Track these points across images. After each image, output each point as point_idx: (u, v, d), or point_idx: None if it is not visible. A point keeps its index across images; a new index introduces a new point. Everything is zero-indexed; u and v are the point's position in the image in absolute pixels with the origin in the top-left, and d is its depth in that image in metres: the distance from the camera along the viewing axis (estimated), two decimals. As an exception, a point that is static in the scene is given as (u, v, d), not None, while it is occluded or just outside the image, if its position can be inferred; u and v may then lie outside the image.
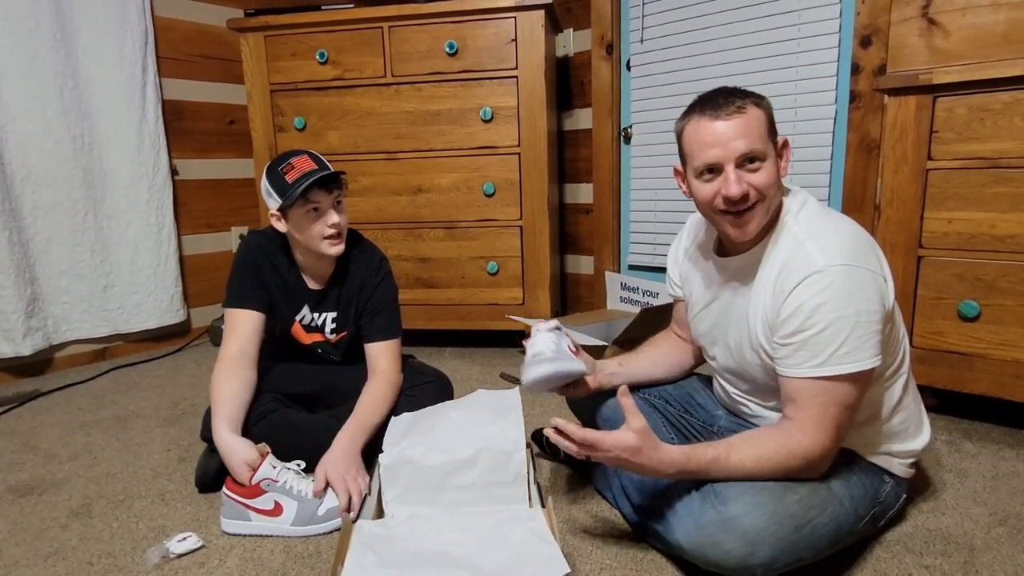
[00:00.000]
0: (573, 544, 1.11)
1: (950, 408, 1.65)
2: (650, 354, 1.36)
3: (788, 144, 1.03)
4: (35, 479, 1.43)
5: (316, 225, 1.34)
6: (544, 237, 2.19)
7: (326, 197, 1.33)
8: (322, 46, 2.18)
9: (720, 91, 1.01)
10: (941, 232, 1.48)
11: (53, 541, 1.18)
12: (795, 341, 0.95)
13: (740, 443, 0.98)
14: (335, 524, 1.16)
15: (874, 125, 1.86)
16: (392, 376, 1.44)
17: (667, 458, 0.94)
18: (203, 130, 2.58)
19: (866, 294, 0.93)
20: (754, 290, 1.04)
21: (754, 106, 0.99)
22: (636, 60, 2.40)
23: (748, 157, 0.97)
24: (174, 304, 2.49)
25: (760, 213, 1.00)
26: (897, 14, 1.78)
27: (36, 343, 2.13)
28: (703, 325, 1.19)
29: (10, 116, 2.04)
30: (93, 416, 1.81)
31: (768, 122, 1.01)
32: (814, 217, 1.01)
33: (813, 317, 0.93)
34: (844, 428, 0.96)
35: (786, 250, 0.99)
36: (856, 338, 0.92)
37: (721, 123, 0.97)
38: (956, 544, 1.08)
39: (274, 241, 1.44)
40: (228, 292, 1.41)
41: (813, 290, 0.93)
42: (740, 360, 1.10)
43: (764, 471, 0.95)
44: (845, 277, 0.92)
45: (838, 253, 0.94)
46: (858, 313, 0.92)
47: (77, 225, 2.22)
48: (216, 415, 1.27)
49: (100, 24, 2.21)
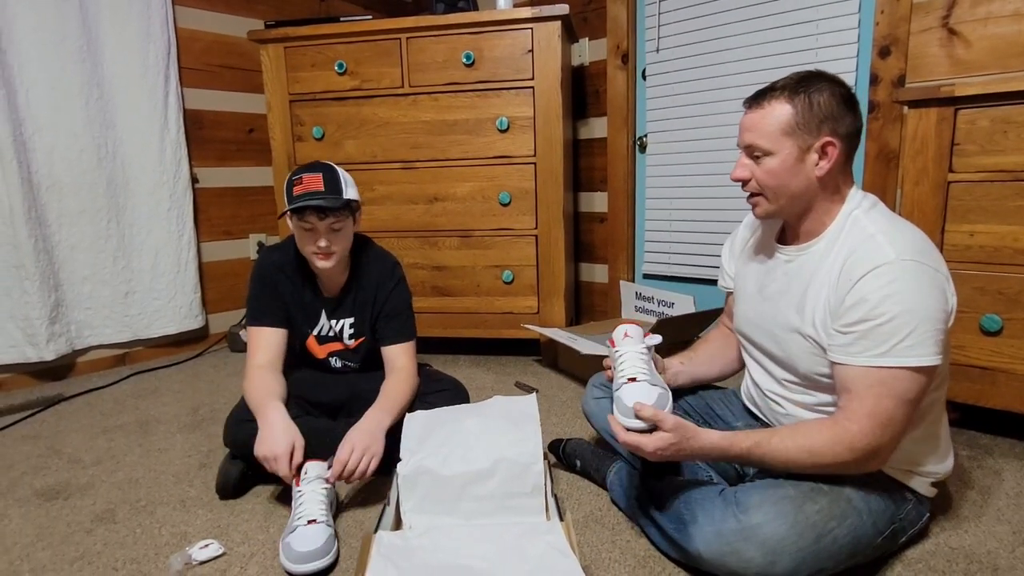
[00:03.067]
0: (590, 557, 1.11)
1: (972, 423, 1.63)
2: (706, 350, 1.36)
3: (834, 145, 1.01)
4: (60, 483, 1.46)
5: (307, 242, 1.39)
6: (559, 246, 2.20)
7: (319, 222, 1.35)
8: (341, 57, 2.20)
9: (778, 81, 1.05)
10: (963, 245, 1.46)
11: (79, 546, 1.20)
12: (858, 330, 0.94)
13: (785, 429, 0.99)
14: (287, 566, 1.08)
15: (893, 136, 1.85)
16: (410, 373, 1.48)
17: (708, 444, 0.96)
18: (223, 139, 2.62)
19: (934, 292, 0.93)
20: (817, 277, 1.03)
21: (783, 101, 1.01)
22: (652, 69, 2.40)
23: (750, 150, 1.04)
24: (193, 310, 2.52)
25: (764, 203, 1.07)
26: (917, 24, 1.77)
27: (59, 348, 2.17)
28: (751, 312, 1.18)
29: (37, 126, 2.09)
30: (115, 421, 1.84)
31: (792, 121, 1.00)
32: (884, 216, 1.02)
33: (880, 307, 0.92)
34: (899, 425, 0.94)
35: (854, 240, 0.99)
36: (920, 333, 0.91)
37: (746, 112, 1.06)
38: (980, 563, 1.07)
39: (288, 254, 1.47)
40: (248, 310, 1.46)
41: (882, 280, 0.93)
42: (787, 348, 1.09)
43: (808, 458, 0.95)
44: (914, 272, 0.92)
45: (908, 248, 0.94)
46: (926, 308, 0.91)
47: (100, 232, 2.26)
48: (264, 404, 1.30)
49: (125, 36, 2.26)
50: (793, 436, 0.96)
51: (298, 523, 1.13)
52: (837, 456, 0.94)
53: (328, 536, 1.12)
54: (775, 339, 1.12)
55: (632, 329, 1.16)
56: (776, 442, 0.96)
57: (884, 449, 0.95)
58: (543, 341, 2.28)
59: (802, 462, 0.95)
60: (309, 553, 1.07)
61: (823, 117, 1.00)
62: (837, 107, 1.00)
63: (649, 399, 0.98)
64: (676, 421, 0.95)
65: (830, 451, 0.94)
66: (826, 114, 1.00)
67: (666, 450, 0.94)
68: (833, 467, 0.95)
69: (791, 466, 0.96)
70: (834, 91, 1.01)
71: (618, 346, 1.13)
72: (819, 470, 0.96)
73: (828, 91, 1.00)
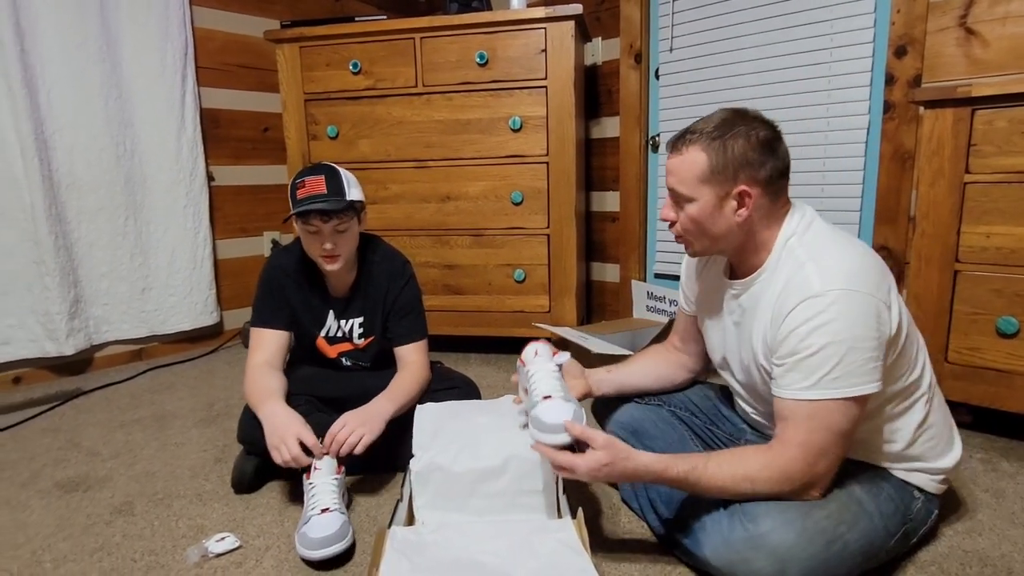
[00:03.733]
0: (600, 555, 1.12)
1: (987, 426, 1.62)
2: (641, 364, 1.37)
3: (749, 195, 1.00)
4: (79, 476, 1.49)
5: (312, 245, 1.39)
6: (571, 245, 2.21)
7: (323, 224, 1.36)
8: (355, 56, 2.22)
9: (688, 127, 1.04)
10: (979, 247, 1.45)
11: (98, 537, 1.23)
12: (788, 362, 0.96)
13: (722, 456, 0.99)
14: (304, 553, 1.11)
15: (908, 136, 1.83)
16: (421, 368, 1.50)
17: (642, 466, 0.96)
18: (238, 137, 2.65)
19: (863, 319, 0.92)
20: (758, 312, 1.04)
21: (699, 149, 1.00)
22: (665, 69, 2.40)
23: (673, 193, 1.05)
24: (208, 307, 2.55)
25: (692, 243, 1.08)
26: (934, 23, 1.76)
27: (78, 343, 2.21)
28: (716, 346, 1.20)
29: (58, 126, 2.12)
30: (132, 415, 1.87)
31: (708, 168, 1.00)
32: (819, 238, 1.01)
33: (806, 340, 0.93)
34: (832, 453, 0.95)
35: (787, 272, 1.00)
36: (848, 363, 0.91)
37: (668, 156, 1.07)
38: (994, 567, 1.06)
39: (295, 256, 1.49)
40: (253, 312, 1.49)
41: (808, 313, 0.93)
42: (750, 381, 1.12)
43: (744, 485, 0.95)
44: (841, 301, 0.92)
45: (836, 277, 0.94)
46: (853, 339, 0.91)
47: (118, 229, 2.30)
48: (264, 400, 1.32)
49: (144, 36, 2.29)
50: (730, 462, 0.97)
51: (312, 512, 1.14)
52: (773, 483, 0.95)
53: (343, 522, 1.14)
54: (741, 373, 1.14)
55: (541, 347, 1.18)
56: (712, 467, 0.96)
57: (822, 476, 0.96)
58: (554, 340, 2.29)
59: (738, 489, 0.95)
60: (325, 539, 1.09)
61: (738, 165, 0.99)
62: (753, 153, 0.98)
63: (566, 416, 0.99)
64: (607, 438, 0.96)
65: (765, 477, 0.94)
66: (741, 162, 0.98)
67: (599, 471, 0.94)
68: (769, 495, 0.95)
69: (726, 493, 0.96)
70: (751, 136, 0.99)
71: (528, 365, 1.14)
72: (754, 497, 0.96)
73: (744, 137, 0.98)
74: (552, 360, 1.15)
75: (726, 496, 0.97)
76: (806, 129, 2.04)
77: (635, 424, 1.28)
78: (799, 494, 0.96)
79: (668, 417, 1.30)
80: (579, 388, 1.27)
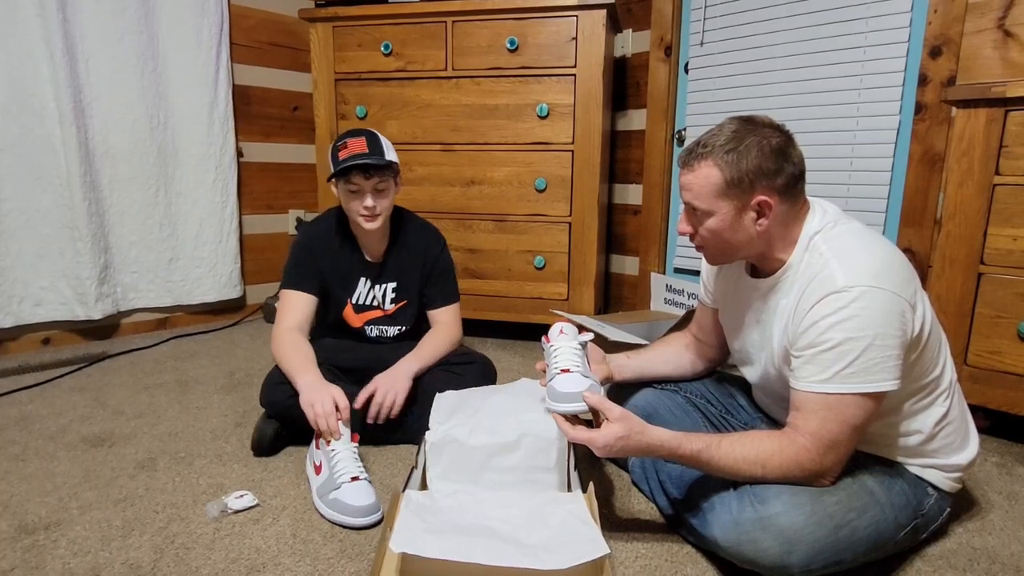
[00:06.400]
0: (608, 533, 1.14)
1: (1004, 430, 1.61)
2: (661, 351, 1.39)
3: (769, 205, 0.99)
4: (105, 432, 1.54)
5: (353, 203, 1.45)
6: (592, 235, 2.21)
7: (365, 181, 1.41)
8: (387, 38, 2.24)
9: (698, 140, 1.04)
10: (1005, 249, 1.44)
11: (122, 489, 1.27)
12: (805, 355, 0.96)
13: (736, 437, 1.00)
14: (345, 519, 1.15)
15: (939, 138, 1.81)
16: (454, 328, 1.59)
17: (656, 440, 0.97)
18: (268, 115, 2.69)
19: (885, 317, 0.92)
20: (780, 309, 1.05)
21: (711, 165, 1.00)
22: (695, 63, 2.39)
23: (689, 208, 1.05)
24: (232, 280, 2.60)
25: (709, 253, 1.09)
26: (971, 25, 1.74)
27: (106, 308, 2.27)
28: (737, 343, 1.21)
29: (95, 94, 2.18)
30: (156, 380, 1.92)
31: (723, 183, 0.99)
32: (845, 235, 1.01)
33: (826, 334, 0.93)
34: (844, 446, 0.96)
35: (812, 269, 1.00)
36: (866, 360, 0.92)
37: (681, 171, 1.07)
38: (1002, 564, 1.06)
39: (329, 224, 1.54)
40: (284, 275, 1.53)
41: (831, 308, 0.93)
42: (767, 378, 1.13)
43: (755, 470, 0.96)
44: (865, 298, 0.92)
45: (861, 273, 0.94)
46: (875, 336, 0.91)
47: (149, 199, 2.35)
48: (301, 369, 1.37)
49: (180, 10, 2.33)
50: (742, 444, 0.98)
51: (341, 480, 1.18)
52: (783, 469, 0.95)
53: (376, 493, 1.19)
54: (760, 370, 1.15)
55: (568, 327, 1.20)
56: (725, 447, 0.97)
57: (833, 467, 0.97)
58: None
59: (748, 471, 0.96)
60: (365, 507, 1.14)
61: (754, 176, 0.98)
62: (768, 162, 0.98)
63: (583, 387, 1.02)
64: (623, 412, 0.97)
65: (776, 463, 0.95)
66: (756, 172, 0.98)
67: (614, 445, 0.96)
68: (777, 480, 0.96)
69: (737, 474, 0.97)
70: (764, 145, 0.98)
71: (553, 342, 1.17)
72: (763, 481, 0.97)
73: (757, 148, 0.98)
74: (576, 339, 1.17)
75: (736, 477, 0.98)
76: (835, 128, 2.02)
77: (650, 408, 1.29)
78: (808, 482, 0.97)
79: (683, 403, 1.31)
80: (601, 372, 1.28)
